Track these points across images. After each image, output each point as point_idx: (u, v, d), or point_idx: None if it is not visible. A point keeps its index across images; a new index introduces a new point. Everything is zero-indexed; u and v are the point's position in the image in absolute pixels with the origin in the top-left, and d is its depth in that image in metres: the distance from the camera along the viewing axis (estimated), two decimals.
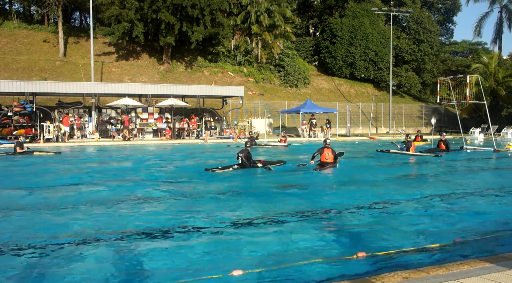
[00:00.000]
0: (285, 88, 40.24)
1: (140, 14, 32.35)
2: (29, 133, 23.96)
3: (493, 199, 8.65)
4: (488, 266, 4.13)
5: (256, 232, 5.99)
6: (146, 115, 27.91)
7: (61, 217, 6.79)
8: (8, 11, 38.23)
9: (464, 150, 19.54)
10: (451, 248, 5.17)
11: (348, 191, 9.56)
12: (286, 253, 5.06)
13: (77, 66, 33.53)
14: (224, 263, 4.65)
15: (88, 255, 4.96)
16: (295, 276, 4.30)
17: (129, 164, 14.75)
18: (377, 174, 11.99)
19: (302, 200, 8.19)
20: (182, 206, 7.64)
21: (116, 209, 7.39)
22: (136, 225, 6.24)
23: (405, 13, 42.32)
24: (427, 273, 3.95)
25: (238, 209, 7.39)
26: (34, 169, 13.05)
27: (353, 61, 43.57)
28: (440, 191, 9.24)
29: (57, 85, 24.79)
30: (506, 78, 37.65)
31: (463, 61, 53.03)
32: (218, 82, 36.71)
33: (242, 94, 28.66)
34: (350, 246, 5.26)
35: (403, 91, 47.55)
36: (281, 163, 13.34)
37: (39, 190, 9.28)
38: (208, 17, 33.10)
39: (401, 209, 7.47)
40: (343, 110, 35.49)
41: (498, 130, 33.77)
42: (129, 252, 5.08)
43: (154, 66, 36.81)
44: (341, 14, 44.79)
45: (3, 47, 33.62)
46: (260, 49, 39.38)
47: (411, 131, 35.00)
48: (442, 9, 52.96)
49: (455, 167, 14.75)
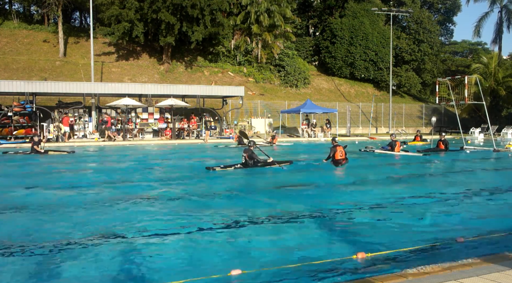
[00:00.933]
0: (285, 88, 40.24)
1: (140, 14, 32.35)
2: (29, 133, 23.95)
3: (493, 199, 8.63)
4: (488, 266, 4.12)
5: (254, 231, 5.98)
6: (146, 115, 27.91)
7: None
8: (8, 11, 38.25)
9: (463, 150, 19.53)
10: (451, 248, 5.16)
11: (347, 191, 9.54)
12: (285, 253, 5.04)
13: (77, 66, 33.53)
14: (223, 263, 4.64)
15: (87, 255, 4.95)
16: (294, 276, 4.29)
17: (133, 163, 14.74)
18: (377, 174, 11.98)
19: (301, 200, 8.18)
20: (181, 206, 7.63)
21: (116, 209, 7.38)
22: (136, 225, 6.23)
23: (405, 13, 42.33)
24: (427, 273, 3.94)
25: (236, 209, 7.37)
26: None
27: (353, 61, 43.57)
28: (440, 191, 9.23)
29: (57, 85, 24.79)
30: (506, 78, 37.64)
31: (463, 61, 53.03)
32: (218, 82, 36.71)
33: (242, 94, 28.66)
34: (350, 246, 5.24)
35: (403, 91, 47.55)
36: (288, 163, 13.16)
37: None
38: (208, 17, 33.11)
39: (401, 209, 7.46)
40: (343, 110, 35.49)
41: (498, 130, 33.77)
42: (129, 251, 5.07)
43: (154, 66, 36.82)
44: (341, 14, 44.80)
45: (3, 47, 33.63)
46: (260, 49, 39.38)
47: (411, 131, 35.03)
48: (442, 9, 52.96)
49: (454, 167, 14.74)
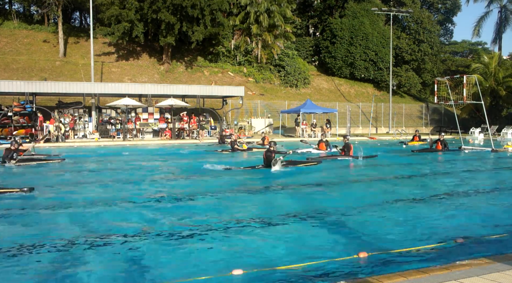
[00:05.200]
0: (285, 88, 40.24)
1: (140, 14, 32.34)
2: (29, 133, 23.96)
3: (492, 199, 8.65)
4: (488, 266, 4.13)
5: (255, 231, 5.99)
6: (146, 115, 27.91)
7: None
8: (8, 11, 38.23)
9: (462, 150, 19.54)
10: (451, 248, 5.17)
11: (347, 191, 9.56)
12: (287, 253, 5.06)
13: (77, 66, 33.53)
14: (224, 263, 4.65)
15: (86, 254, 4.96)
16: (295, 276, 4.30)
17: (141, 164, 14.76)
18: (375, 174, 11.99)
19: (301, 200, 8.19)
20: (181, 206, 7.65)
21: (115, 209, 7.39)
22: (136, 225, 6.24)
23: (405, 13, 42.33)
24: (427, 273, 3.95)
25: (238, 209, 7.39)
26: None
27: (353, 61, 43.56)
28: (440, 191, 9.24)
29: (57, 85, 24.79)
30: (506, 78, 37.62)
31: (463, 61, 53.02)
32: (218, 82, 36.71)
33: (242, 94, 28.66)
34: (351, 246, 5.26)
35: (403, 91, 47.55)
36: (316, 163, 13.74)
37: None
38: (208, 17, 33.11)
39: (401, 209, 7.47)
40: (343, 110, 35.49)
41: (498, 130, 33.77)
42: (129, 251, 5.08)
43: (154, 66, 36.82)
44: (341, 14, 44.79)
45: (3, 47, 33.62)
46: (260, 49, 39.38)
47: (411, 131, 35.01)
48: (442, 9, 52.96)
49: (453, 167, 14.75)
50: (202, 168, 12.53)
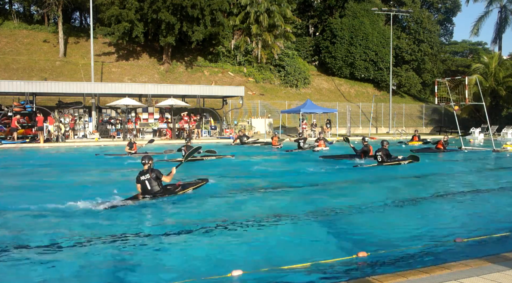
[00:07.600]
0: (285, 88, 40.24)
1: (140, 14, 32.34)
2: (29, 134, 23.96)
3: (492, 198, 8.64)
4: (488, 266, 4.13)
5: (255, 232, 5.98)
6: (146, 115, 27.91)
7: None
8: (8, 11, 38.23)
9: (462, 150, 19.54)
10: (451, 248, 5.17)
11: (347, 191, 9.55)
12: (286, 253, 5.05)
13: (77, 66, 33.53)
14: (224, 263, 4.64)
15: (86, 255, 4.96)
16: (295, 276, 4.29)
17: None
18: (376, 174, 11.98)
19: (301, 200, 8.18)
20: (180, 206, 7.64)
21: (115, 209, 7.38)
22: (136, 226, 6.24)
23: (405, 13, 42.32)
24: (427, 273, 3.95)
25: (237, 209, 7.38)
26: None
27: (353, 61, 43.56)
28: (440, 191, 9.24)
29: (57, 85, 24.78)
30: (507, 78, 37.60)
31: (463, 61, 52.99)
32: (218, 82, 36.71)
33: (242, 94, 28.66)
34: (351, 246, 5.25)
35: (403, 91, 47.55)
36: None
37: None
38: (208, 17, 33.11)
39: (401, 209, 7.47)
40: (343, 110, 35.48)
41: (498, 130, 33.75)
42: (129, 251, 5.07)
43: (154, 66, 36.81)
44: (341, 14, 44.78)
45: (3, 47, 33.62)
46: (260, 49, 39.37)
47: (410, 131, 34.99)
48: (442, 9, 52.95)
49: (453, 167, 14.75)
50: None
